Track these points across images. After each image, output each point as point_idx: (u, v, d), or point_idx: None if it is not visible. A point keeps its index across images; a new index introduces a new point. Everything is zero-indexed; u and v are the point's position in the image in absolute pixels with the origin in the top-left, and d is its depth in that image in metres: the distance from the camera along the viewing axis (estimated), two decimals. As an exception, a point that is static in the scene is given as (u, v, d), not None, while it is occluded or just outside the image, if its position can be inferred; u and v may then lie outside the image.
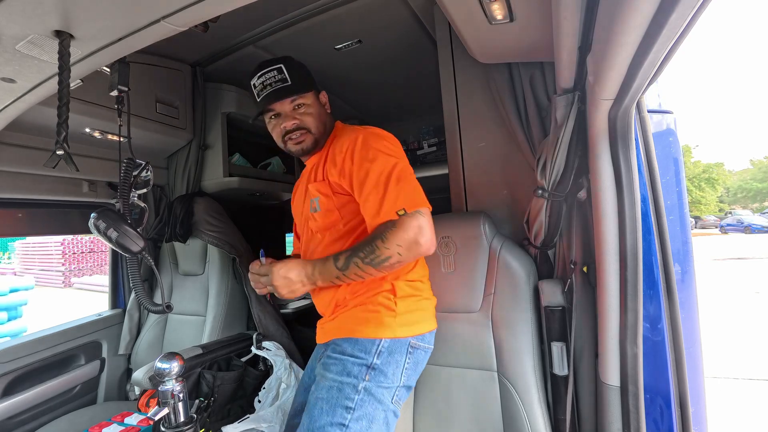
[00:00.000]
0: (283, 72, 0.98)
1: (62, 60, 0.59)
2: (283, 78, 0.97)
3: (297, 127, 0.99)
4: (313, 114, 1.02)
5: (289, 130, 1.00)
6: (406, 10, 1.25)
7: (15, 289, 6.35)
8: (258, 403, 1.14)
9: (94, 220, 0.85)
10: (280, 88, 0.97)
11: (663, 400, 0.77)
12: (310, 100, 1.02)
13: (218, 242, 1.49)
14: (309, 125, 1.01)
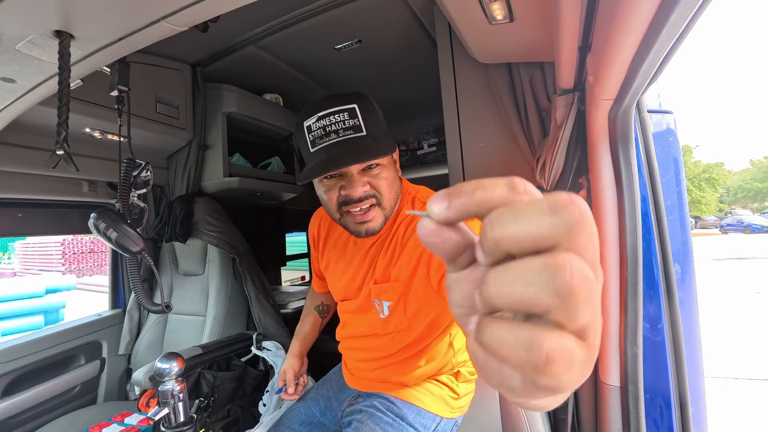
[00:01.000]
0: (356, 116, 0.70)
1: (62, 60, 0.59)
2: (356, 125, 0.69)
3: (366, 196, 0.72)
4: (388, 179, 0.75)
5: (354, 199, 0.72)
6: (406, 10, 1.25)
7: (53, 290, 5.75)
8: (263, 407, 1.14)
9: (94, 220, 0.85)
10: (351, 138, 0.68)
11: (663, 400, 0.77)
12: (386, 160, 0.75)
13: (218, 242, 1.49)
14: (382, 193, 0.74)
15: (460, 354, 0.89)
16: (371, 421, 0.81)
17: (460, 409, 0.90)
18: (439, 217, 0.20)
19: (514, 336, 0.16)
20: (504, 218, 0.17)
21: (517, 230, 0.16)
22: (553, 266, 0.15)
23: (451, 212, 0.19)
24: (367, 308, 0.85)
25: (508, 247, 0.17)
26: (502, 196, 0.18)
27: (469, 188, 0.19)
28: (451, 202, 0.19)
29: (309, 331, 1.11)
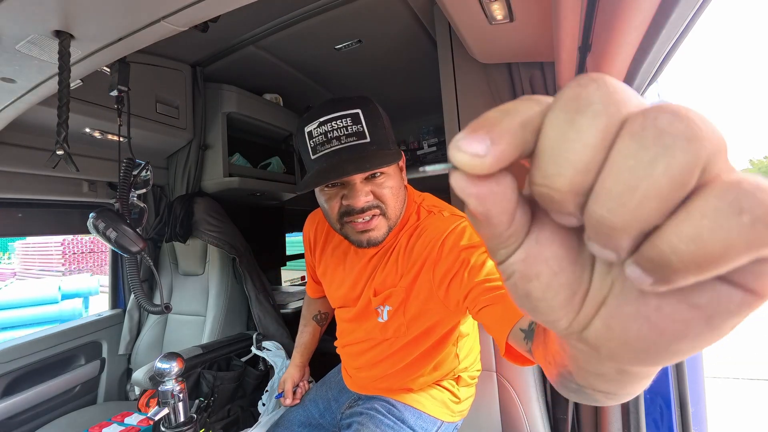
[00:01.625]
0: (359, 121, 0.66)
1: (62, 60, 0.59)
2: (359, 131, 0.65)
3: (369, 206, 0.69)
4: (393, 188, 0.71)
5: (356, 210, 0.69)
6: (406, 10, 1.25)
7: (71, 295, 4.95)
8: (262, 406, 1.14)
9: (93, 220, 0.85)
10: (354, 145, 0.65)
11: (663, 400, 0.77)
12: (392, 168, 0.72)
13: (218, 242, 1.49)
14: (386, 203, 0.71)
15: (464, 361, 0.88)
16: (372, 424, 0.81)
17: (461, 413, 0.90)
18: (483, 166, 0.14)
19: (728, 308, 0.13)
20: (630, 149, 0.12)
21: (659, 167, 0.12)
22: (747, 196, 0.11)
23: (499, 151, 0.14)
24: (366, 316, 0.83)
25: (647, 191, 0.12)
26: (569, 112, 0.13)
27: (514, 109, 0.14)
28: (494, 137, 0.14)
29: (309, 341, 1.11)
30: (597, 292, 0.15)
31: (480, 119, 0.15)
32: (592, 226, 0.13)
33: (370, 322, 0.83)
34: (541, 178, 0.14)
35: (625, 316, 0.15)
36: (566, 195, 0.13)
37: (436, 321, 0.77)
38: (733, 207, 0.11)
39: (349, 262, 0.85)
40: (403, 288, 0.75)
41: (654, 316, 0.14)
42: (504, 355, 0.49)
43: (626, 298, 0.15)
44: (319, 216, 0.96)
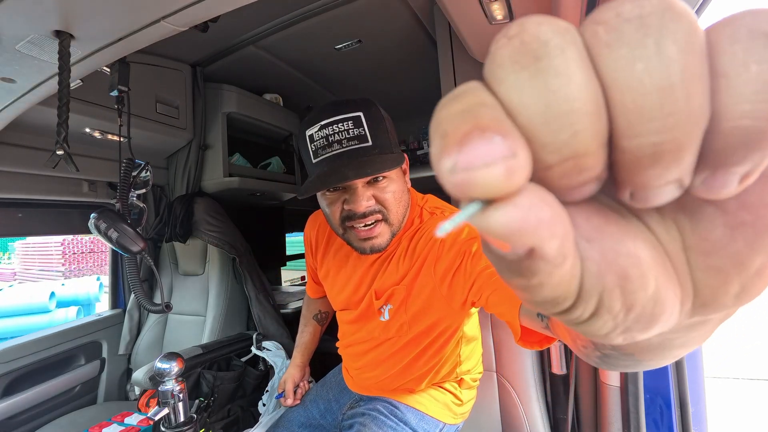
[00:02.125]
0: (361, 124, 0.64)
1: (62, 60, 0.59)
2: (361, 135, 0.64)
3: (371, 211, 0.68)
4: (395, 192, 0.70)
5: (357, 215, 0.68)
6: (406, 10, 1.25)
7: (66, 302, 4.40)
8: (263, 406, 1.14)
9: (95, 221, 0.85)
10: (356, 149, 0.64)
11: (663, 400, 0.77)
12: (394, 172, 0.70)
13: (218, 242, 1.49)
14: (389, 208, 0.69)
15: (466, 363, 0.88)
16: (374, 425, 0.80)
17: (462, 415, 0.90)
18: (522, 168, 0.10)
19: None
20: None
21: None
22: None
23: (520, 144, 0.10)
24: (368, 317, 0.83)
25: None
26: None
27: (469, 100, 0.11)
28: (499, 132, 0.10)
29: (309, 341, 1.11)
30: (671, 247, 0.13)
31: (450, 124, 0.11)
32: (642, 164, 0.11)
33: (373, 323, 0.83)
34: (556, 154, 0.11)
35: (719, 244, 0.12)
36: (598, 152, 0.11)
37: (438, 318, 0.76)
38: (755, 33, 0.10)
39: (351, 266, 0.84)
40: (405, 286, 0.75)
41: (743, 214, 0.12)
42: (519, 340, 0.47)
43: (707, 225, 0.12)
44: (321, 218, 0.95)
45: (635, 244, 0.12)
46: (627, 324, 0.13)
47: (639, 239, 0.13)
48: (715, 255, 0.12)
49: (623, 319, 0.12)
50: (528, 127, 0.11)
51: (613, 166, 0.12)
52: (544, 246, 0.10)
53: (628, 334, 0.13)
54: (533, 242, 0.10)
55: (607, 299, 0.12)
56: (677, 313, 0.13)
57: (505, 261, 0.12)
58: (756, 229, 0.12)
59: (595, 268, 0.12)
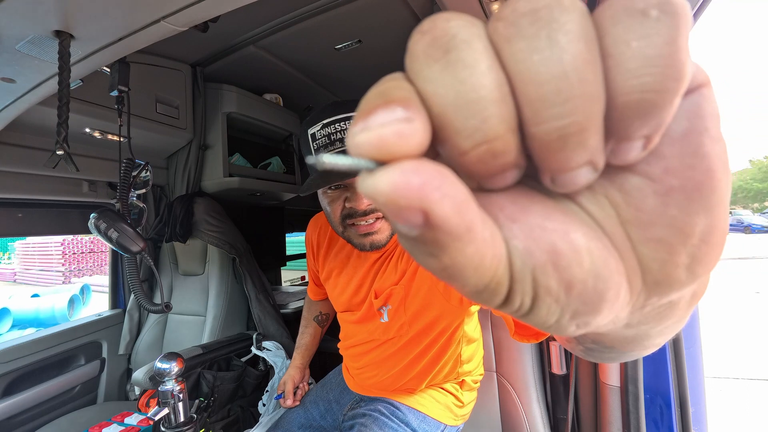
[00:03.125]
0: None
1: (62, 60, 0.59)
2: None
3: (372, 209, 0.69)
4: None
5: (359, 213, 0.69)
6: (406, 10, 1.25)
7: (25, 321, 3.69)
8: (263, 407, 1.14)
9: (95, 221, 0.85)
10: None
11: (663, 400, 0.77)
12: None
13: (218, 242, 1.49)
14: None
15: (467, 364, 0.88)
16: (376, 426, 0.80)
17: (463, 417, 0.91)
18: (416, 132, 0.11)
19: None
20: None
21: None
22: None
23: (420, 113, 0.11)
24: (370, 318, 0.84)
25: None
26: None
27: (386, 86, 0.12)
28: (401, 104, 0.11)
29: (310, 342, 1.11)
30: (612, 225, 0.13)
31: (366, 102, 0.12)
32: (551, 149, 0.11)
33: (373, 324, 0.83)
34: (469, 139, 0.11)
35: (654, 213, 0.12)
36: (507, 136, 0.11)
37: (437, 315, 0.77)
38: (631, 11, 0.11)
39: (351, 267, 0.85)
40: (403, 286, 0.76)
41: (669, 179, 0.12)
42: (514, 334, 0.47)
43: (637, 196, 0.13)
44: (322, 220, 0.95)
45: (564, 219, 0.12)
46: (573, 306, 0.12)
47: (568, 216, 0.13)
48: (652, 225, 0.12)
49: (566, 300, 0.12)
50: (442, 114, 0.11)
51: (530, 154, 0.12)
52: (435, 208, 0.10)
53: (580, 319, 0.13)
54: (421, 202, 0.10)
55: (542, 278, 0.12)
56: (626, 292, 0.13)
57: (411, 240, 0.11)
58: (686, 193, 0.12)
59: (521, 245, 0.12)
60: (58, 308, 4.28)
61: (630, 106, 0.11)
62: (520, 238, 0.12)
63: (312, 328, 1.12)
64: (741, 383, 2.99)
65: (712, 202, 0.12)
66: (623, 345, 0.18)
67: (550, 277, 0.12)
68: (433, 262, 0.12)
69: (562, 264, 0.12)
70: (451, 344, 0.82)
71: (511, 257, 0.12)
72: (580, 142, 0.11)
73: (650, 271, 0.13)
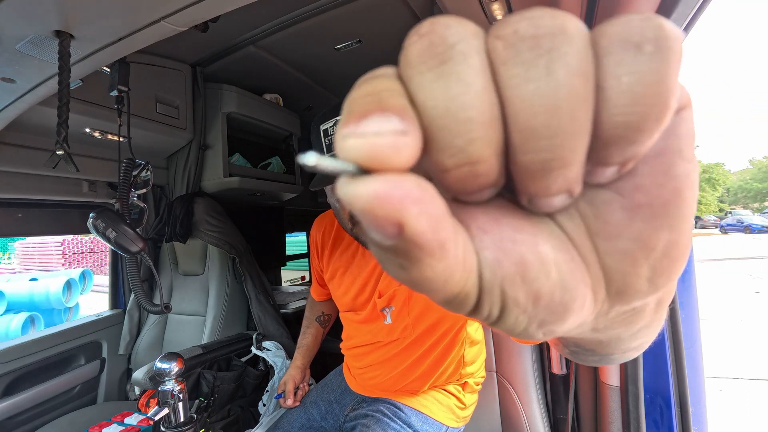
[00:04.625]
0: None
1: (62, 60, 0.59)
2: None
3: None
4: None
5: None
6: (406, 10, 1.25)
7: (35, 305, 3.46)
8: (263, 407, 1.14)
9: (93, 220, 0.85)
10: None
11: (663, 400, 0.77)
12: None
13: (218, 242, 1.49)
14: None
15: (470, 366, 0.88)
16: (378, 427, 0.80)
17: (464, 419, 0.91)
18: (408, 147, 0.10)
19: None
20: None
21: None
22: None
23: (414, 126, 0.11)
24: (373, 318, 0.84)
25: None
26: None
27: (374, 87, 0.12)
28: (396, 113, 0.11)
29: (311, 343, 1.10)
30: (580, 236, 0.13)
31: (358, 103, 0.11)
32: (533, 177, 0.11)
33: (377, 325, 0.83)
34: (452, 159, 0.11)
35: (621, 226, 0.13)
36: (491, 160, 0.11)
37: (440, 316, 0.77)
38: (626, 44, 0.10)
39: (355, 266, 0.86)
40: (405, 288, 0.76)
41: (638, 195, 0.12)
42: None
43: (606, 209, 0.13)
44: (327, 219, 0.95)
45: (533, 231, 0.13)
46: (540, 316, 0.13)
47: (538, 228, 0.13)
48: (618, 238, 0.13)
49: (533, 310, 0.12)
50: (429, 127, 0.11)
51: (510, 173, 0.12)
52: (411, 222, 0.10)
53: (546, 327, 0.13)
54: (398, 215, 0.10)
55: (510, 290, 0.12)
56: (591, 301, 0.13)
57: (383, 249, 0.11)
58: (653, 210, 0.12)
59: (492, 256, 0.12)
60: (53, 292, 3.91)
61: (613, 139, 0.11)
62: (491, 249, 0.12)
63: (314, 329, 1.12)
64: (741, 383, 2.99)
65: (676, 220, 0.12)
66: (600, 348, 0.19)
67: (518, 289, 0.12)
68: (402, 274, 0.12)
69: (530, 276, 0.12)
70: (455, 345, 0.82)
71: (481, 269, 0.12)
72: (562, 174, 0.11)
73: (613, 282, 0.13)
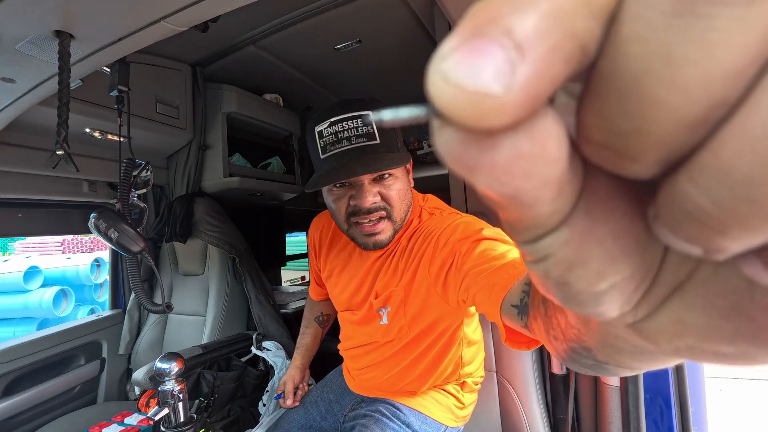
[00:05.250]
0: (370, 123, 0.66)
1: (62, 60, 0.59)
2: (369, 133, 0.66)
3: (376, 207, 0.69)
4: (400, 190, 0.71)
5: (363, 210, 0.69)
6: (406, 10, 1.25)
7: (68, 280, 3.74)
8: (263, 407, 1.14)
9: (95, 220, 0.85)
10: (364, 146, 0.65)
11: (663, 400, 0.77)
12: (399, 171, 0.72)
13: (218, 242, 1.49)
14: (393, 205, 0.70)
15: (468, 366, 0.88)
16: (377, 427, 0.80)
17: (464, 419, 0.90)
18: (503, 112, 0.07)
19: None
20: None
21: None
22: None
23: (535, 75, 0.07)
24: (370, 319, 0.84)
25: None
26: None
27: None
28: (525, 43, 0.07)
29: (310, 343, 1.11)
30: (670, 277, 0.10)
31: (485, 5, 0.08)
32: (679, 213, 0.08)
33: (373, 325, 0.83)
34: (609, 131, 0.08)
35: (711, 309, 0.10)
36: (651, 162, 0.08)
37: (437, 317, 0.77)
38: None
39: (352, 266, 0.85)
40: (402, 287, 0.76)
41: (755, 308, 0.09)
42: (506, 341, 0.46)
43: (719, 288, 0.10)
44: (325, 219, 0.95)
45: (622, 246, 0.10)
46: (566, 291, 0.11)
47: (637, 245, 0.10)
48: (698, 314, 0.10)
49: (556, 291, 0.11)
50: (620, 63, 0.07)
51: (660, 185, 0.09)
52: (515, 192, 0.08)
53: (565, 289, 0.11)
54: (499, 188, 0.08)
55: (554, 268, 0.11)
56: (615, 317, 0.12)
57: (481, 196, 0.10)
58: (756, 331, 0.10)
59: (566, 236, 0.10)
60: (82, 269, 4.10)
61: None
62: (560, 247, 0.10)
63: (313, 329, 1.12)
64: (741, 383, 2.99)
65: (740, 361, 0.10)
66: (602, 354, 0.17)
67: (551, 277, 0.11)
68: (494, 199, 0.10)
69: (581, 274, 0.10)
70: (452, 346, 0.82)
71: (549, 253, 0.10)
72: (747, 236, 0.08)
73: (647, 329, 0.11)
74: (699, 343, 0.10)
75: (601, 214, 0.10)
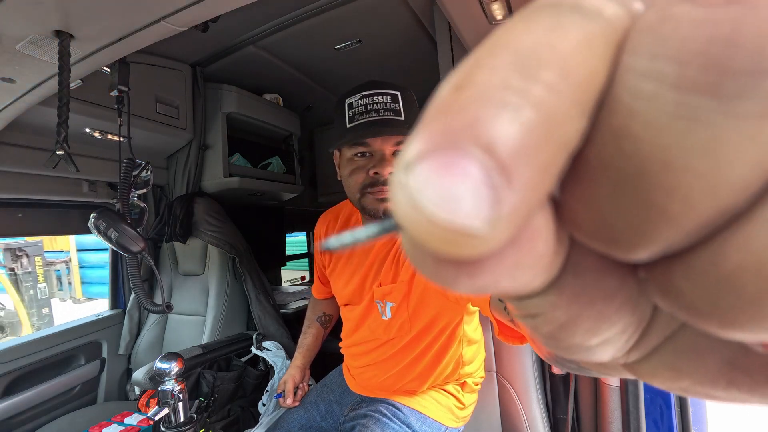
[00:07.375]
0: (398, 102, 0.74)
1: (62, 60, 0.59)
2: (396, 109, 0.73)
3: None
4: None
5: (381, 181, 0.71)
6: (406, 10, 1.25)
7: None
8: (263, 407, 1.14)
9: (95, 220, 0.85)
10: (390, 119, 0.71)
11: (663, 400, 0.77)
12: None
13: (218, 242, 1.49)
14: None
15: (469, 366, 0.89)
16: (377, 427, 0.80)
17: (464, 419, 0.91)
18: (488, 245, 0.06)
19: None
20: None
21: None
22: None
23: (525, 200, 0.06)
24: (370, 313, 0.84)
25: None
26: None
27: None
28: (513, 168, 0.06)
29: (312, 343, 1.11)
30: (661, 328, 0.10)
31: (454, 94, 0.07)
32: (674, 302, 0.08)
33: (375, 321, 0.84)
34: (599, 223, 0.07)
35: (704, 361, 0.10)
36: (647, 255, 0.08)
37: (437, 313, 0.78)
38: None
39: (356, 260, 0.87)
40: (405, 282, 0.77)
41: (751, 365, 0.09)
42: (498, 334, 0.45)
43: (712, 343, 0.09)
44: (331, 215, 0.97)
45: (614, 305, 0.09)
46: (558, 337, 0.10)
47: (629, 301, 0.09)
48: (690, 363, 0.10)
49: (546, 341, 0.11)
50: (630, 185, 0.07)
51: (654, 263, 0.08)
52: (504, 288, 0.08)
53: None
54: (486, 290, 0.08)
55: (543, 325, 0.10)
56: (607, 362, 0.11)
57: None
58: (753, 386, 0.09)
59: (553, 298, 0.09)
60: None
61: None
62: (548, 307, 0.10)
63: (314, 329, 1.12)
64: (741, 383, 2.99)
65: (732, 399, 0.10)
66: None
67: (541, 331, 0.10)
68: None
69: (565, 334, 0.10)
70: (452, 344, 0.82)
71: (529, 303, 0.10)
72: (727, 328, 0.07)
73: (639, 367, 0.11)
74: (693, 387, 0.10)
75: (591, 276, 0.09)
